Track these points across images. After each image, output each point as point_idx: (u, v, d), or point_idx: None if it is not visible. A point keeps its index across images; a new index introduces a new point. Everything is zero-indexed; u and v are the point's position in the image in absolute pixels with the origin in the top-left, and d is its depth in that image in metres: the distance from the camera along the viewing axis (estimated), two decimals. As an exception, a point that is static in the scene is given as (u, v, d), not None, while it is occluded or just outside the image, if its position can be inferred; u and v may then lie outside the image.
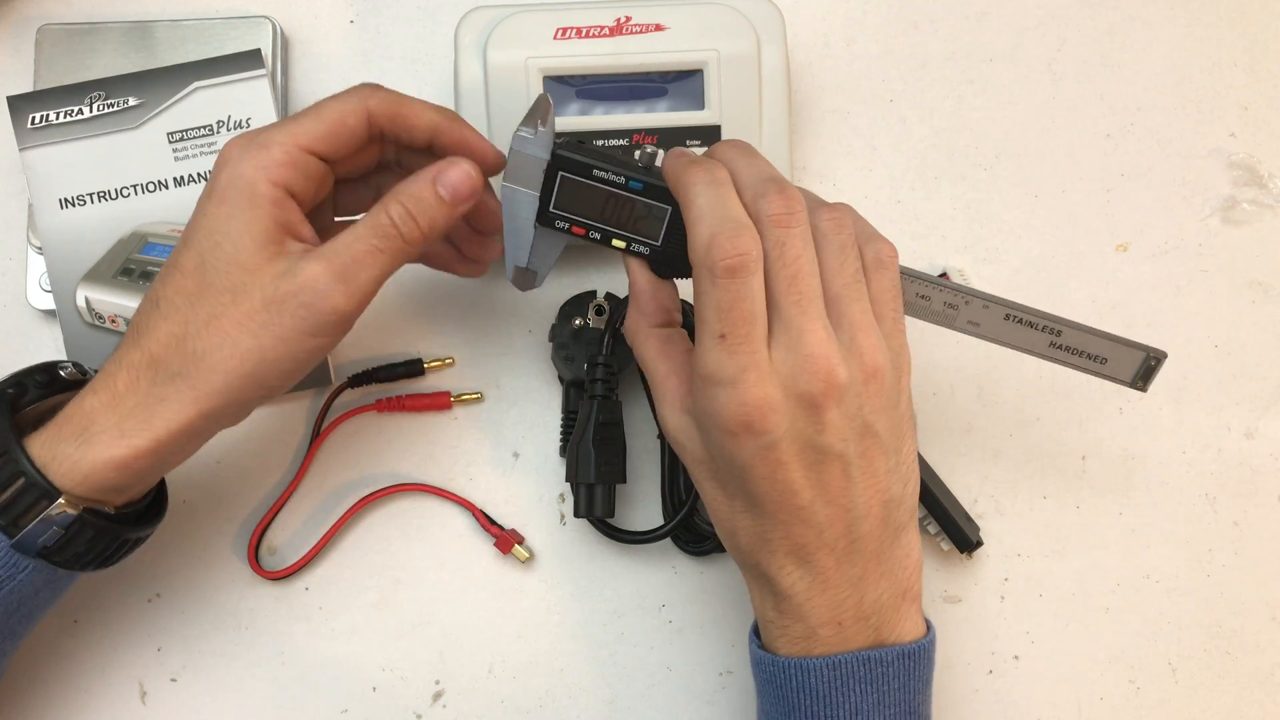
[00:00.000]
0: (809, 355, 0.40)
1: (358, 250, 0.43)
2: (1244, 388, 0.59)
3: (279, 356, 0.43)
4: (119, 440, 0.42)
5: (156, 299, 0.44)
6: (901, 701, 0.43)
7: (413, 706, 0.55)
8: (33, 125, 0.55)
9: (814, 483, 0.41)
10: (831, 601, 0.42)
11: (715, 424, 0.41)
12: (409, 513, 0.57)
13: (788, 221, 0.40)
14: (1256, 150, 0.61)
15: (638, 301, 0.46)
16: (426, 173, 0.45)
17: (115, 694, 0.55)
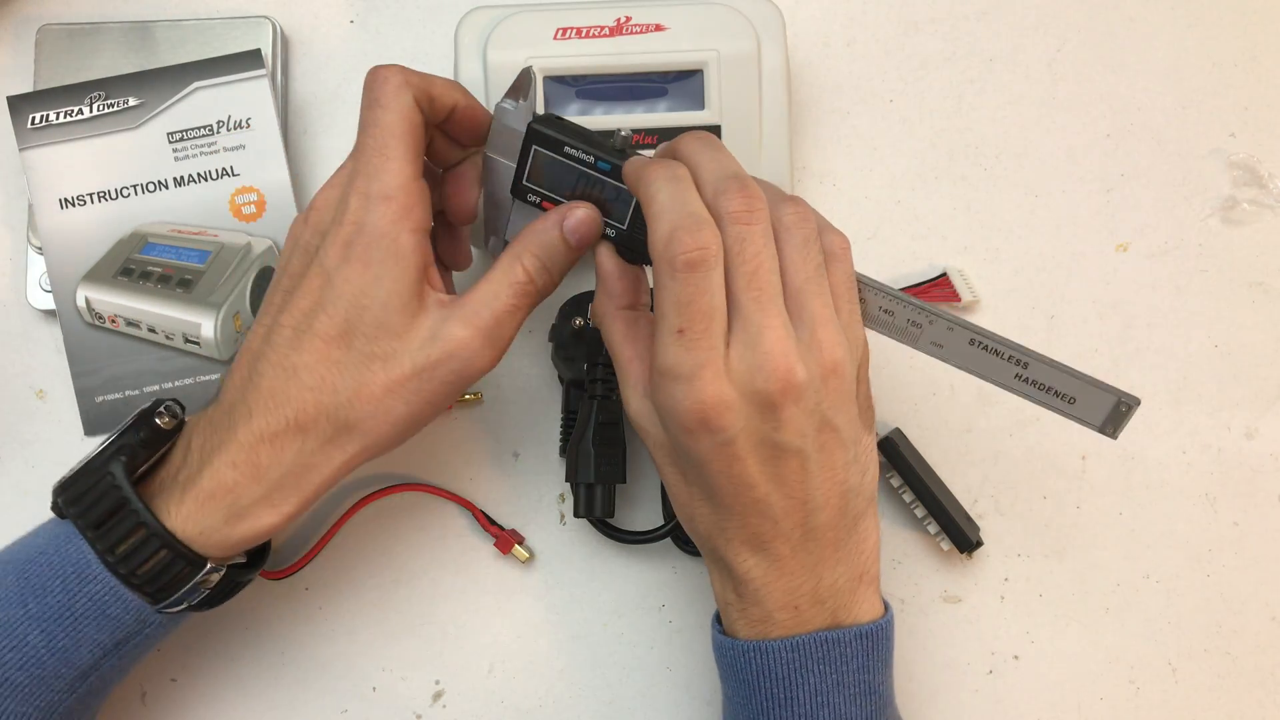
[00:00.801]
0: (767, 353, 0.40)
1: (499, 310, 0.44)
2: (1244, 388, 0.59)
3: (427, 416, 0.45)
4: (269, 510, 0.43)
5: (294, 367, 0.43)
6: (861, 681, 0.43)
7: (413, 706, 0.55)
8: (33, 125, 0.55)
9: (771, 476, 0.41)
10: (788, 587, 0.43)
11: (671, 418, 0.41)
12: (409, 513, 0.57)
13: (748, 219, 0.41)
14: (1256, 150, 0.61)
15: (604, 283, 0.46)
16: (552, 220, 0.46)
17: (115, 694, 0.55)
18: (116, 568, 0.43)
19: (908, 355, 0.58)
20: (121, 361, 0.56)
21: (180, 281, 0.56)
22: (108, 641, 0.44)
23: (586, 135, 0.46)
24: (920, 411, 0.58)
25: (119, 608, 0.43)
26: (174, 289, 0.56)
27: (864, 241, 0.60)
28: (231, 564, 0.45)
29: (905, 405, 0.58)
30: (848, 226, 0.60)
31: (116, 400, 0.56)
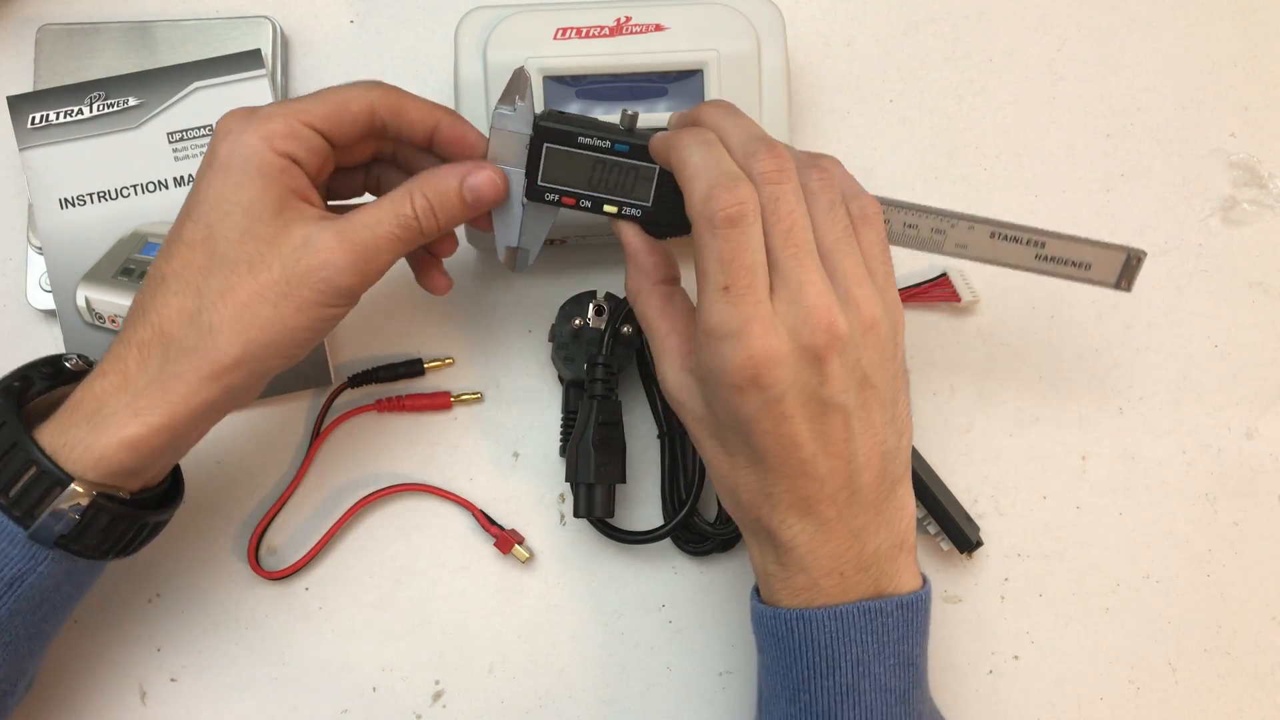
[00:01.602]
0: (810, 307, 0.40)
1: (379, 234, 0.44)
2: (1244, 388, 0.59)
3: (298, 326, 0.43)
4: (132, 419, 0.42)
5: (162, 275, 0.43)
6: (900, 652, 0.44)
7: (413, 706, 0.55)
8: (33, 125, 0.55)
9: (817, 435, 0.41)
10: (834, 552, 0.43)
11: (720, 379, 0.41)
12: (409, 513, 0.57)
13: (778, 178, 0.41)
14: (1256, 150, 0.61)
15: (635, 261, 0.46)
16: (454, 170, 0.45)
17: (115, 694, 0.55)
18: None
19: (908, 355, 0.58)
20: (121, 361, 0.56)
21: (180, 281, 0.56)
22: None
23: (595, 123, 0.46)
24: (920, 411, 0.58)
25: (4, 540, 0.42)
26: (174, 289, 0.56)
27: (864, 241, 0.60)
28: (107, 493, 0.43)
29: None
30: (848, 226, 0.60)
31: (116, 400, 0.56)
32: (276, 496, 0.56)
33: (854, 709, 0.43)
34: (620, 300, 0.55)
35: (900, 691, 0.44)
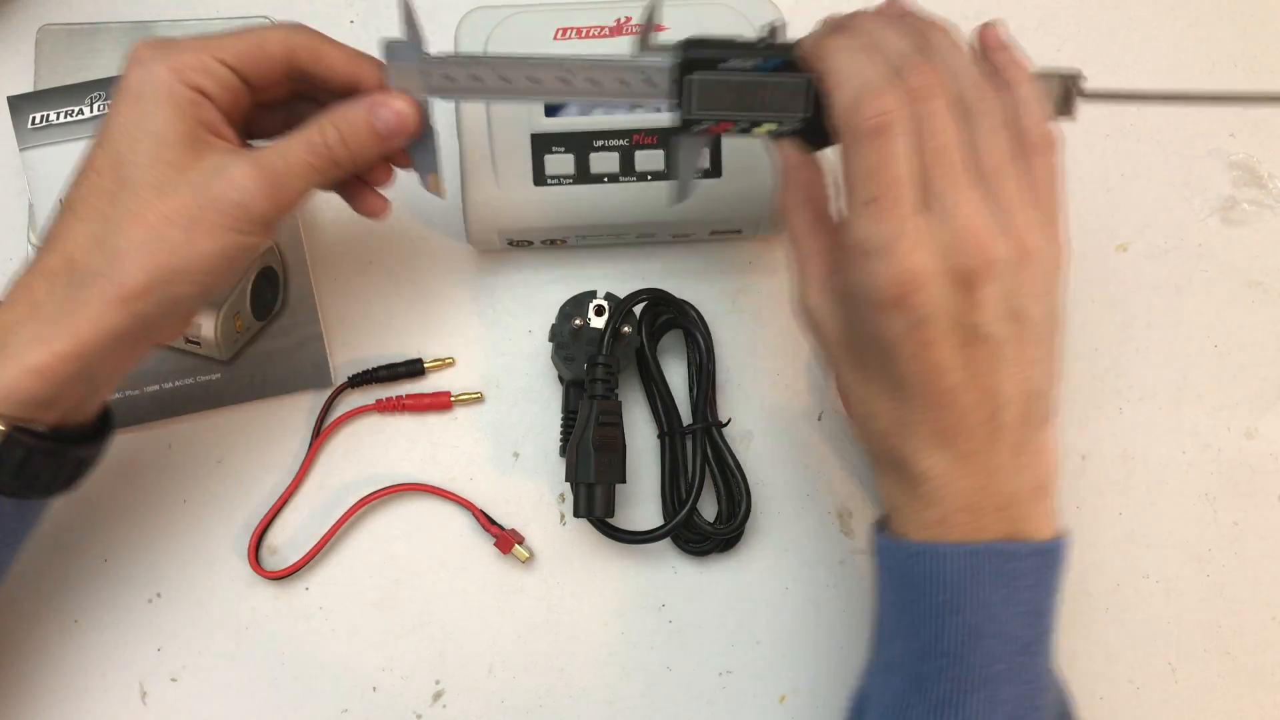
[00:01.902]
0: (962, 228, 0.39)
1: (292, 162, 0.43)
2: (1243, 388, 0.59)
3: (209, 252, 0.42)
4: (39, 346, 0.41)
5: (70, 203, 0.42)
6: (1030, 600, 0.42)
7: (413, 706, 0.55)
8: (33, 125, 0.56)
9: (961, 363, 0.40)
10: (969, 488, 0.41)
11: (865, 298, 0.40)
12: (409, 513, 0.57)
13: (928, 94, 0.39)
14: (1256, 150, 0.61)
15: (789, 176, 0.45)
16: (364, 102, 0.44)
17: (115, 694, 0.55)
18: None
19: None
20: (122, 361, 0.56)
21: (180, 281, 0.56)
22: None
23: (737, 43, 0.44)
24: (920, 411, 0.58)
25: None
26: (174, 289, 0.56)
27: (864, 241, 0.60)
28: (22, 426, 0.42)
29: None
30: (848, 226, 0.60)
31: (116, 400, 0.56)
32: (277, 496, 0.56)
33: (976, 652, 0.41)
34: (620, 300, 0.55)
35: (1026, 641, 0.42)
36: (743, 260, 0.60)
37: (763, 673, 0.56)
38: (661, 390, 0.55)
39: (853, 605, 0.57)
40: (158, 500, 0.57)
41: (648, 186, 0.54)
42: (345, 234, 0.59)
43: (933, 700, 0.42)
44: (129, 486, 0.57)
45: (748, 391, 0.58)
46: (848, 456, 0.58)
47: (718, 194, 0.54)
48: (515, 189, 0.53)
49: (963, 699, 0.41)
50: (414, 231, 0.59)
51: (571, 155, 0.53)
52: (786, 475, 0.58)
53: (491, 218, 0.54)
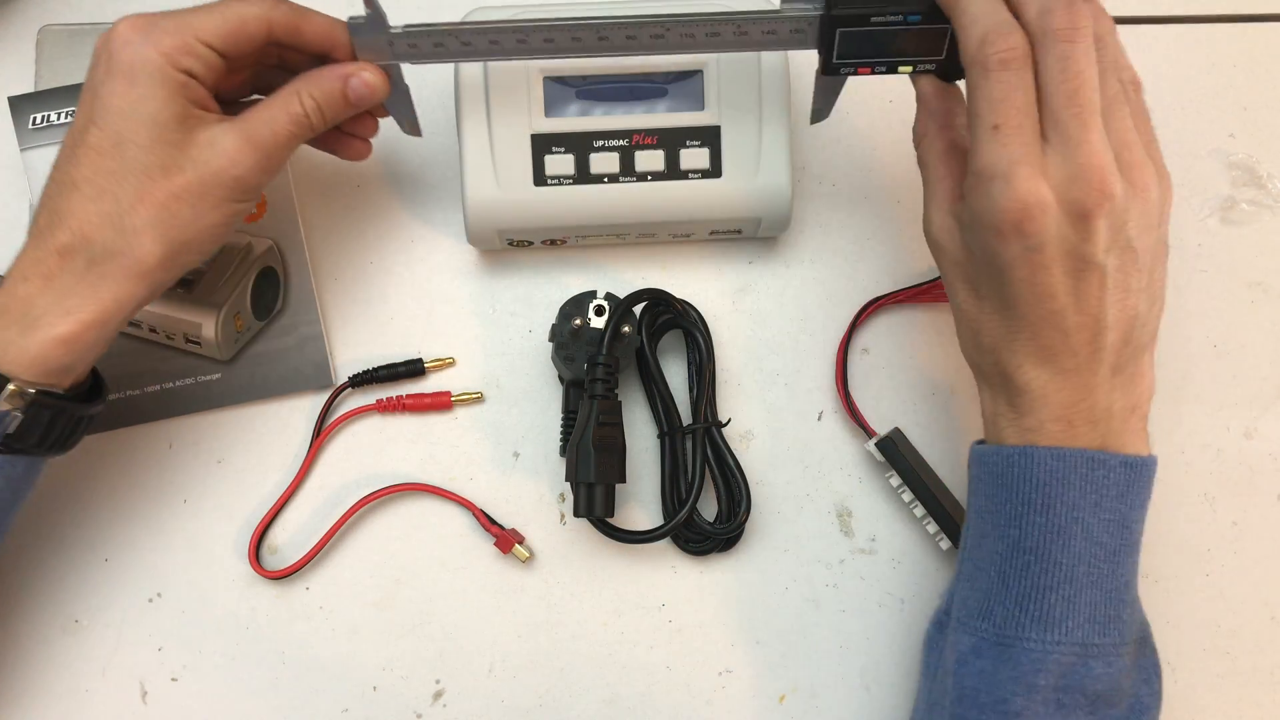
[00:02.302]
0: (1085, 164, 0.41)
1: (277, 133, 0.46)
2: (1243, 388, 0.59)
3: (213, 223, 0.46)
4: (64, 318, 0.44)
5: (73, 181, 0.44)
6: (1117, 510, 0.44)
7: (413, 706, 0.55)
8: (34, 126, 0.56)
9: (1070, 289, 0.43)
10: (1066, 400, 0.44)
11: (985, 222, 0.43)
12: (409, 513, 0.57)
13: (1071, 36, 0.42)
14: (1255, 150, 0.61)
15: (926, 105, 0.48)
16: (338, 73, 0.48)
17: (116, 693, 0.55)
18: None
19: (908, 355, 0.59)
20: (121, 361, 0.56)
21: (181, 281, 0.56)
22: None
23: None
24: (919, 411, 0.58)
25: None
26: (174, 289, 0.56)
27: (864, 241, 0.60)
28: (45, 390, 0.45)
29: (905, 405, 0.58)
30: (846, 226, 0.61)
31: (116, 400, 0.56)
32: (277, 496, 0.56)
33: (1063, 551, 0.44)
34: (620, 300, 0.55)
35: (1111, 549, 0.44)
36: (743, 260, 0.60)
37: (762, 672, 0.56)
38: (661, 390, 0.55)
39: (852, 605, 0.57)
40: (158, 500, 0.57)
41: (648, 186, 0.54)
42: (346, 234, 0.59)
43: (1015, 596, 0.44)
44: (129, 486, 0.57)
45: (748, 391, 0.58)
46: (848, 456, 0.58)
47: (718, 194, 0.54)
48: (515, 189, 0.54)
49: (1044, 596, 0.44)
50: (414, 231, 0.59)
51: (571, 155, 0.53)
52: (786, 475, 0.58)
53: (491, 218, 0.54)
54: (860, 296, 0.59)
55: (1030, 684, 0.44)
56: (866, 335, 0.59)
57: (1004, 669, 0.44)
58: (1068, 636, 0.44)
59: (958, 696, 0.46)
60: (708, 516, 0.56)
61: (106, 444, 0.57)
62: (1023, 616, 0.44)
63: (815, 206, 0.60)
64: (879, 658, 0.56)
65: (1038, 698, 0.44)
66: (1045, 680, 0.44)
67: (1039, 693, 0.44)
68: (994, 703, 0.44)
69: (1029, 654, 0.44)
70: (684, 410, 0.56)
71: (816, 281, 0.59)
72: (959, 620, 0.47)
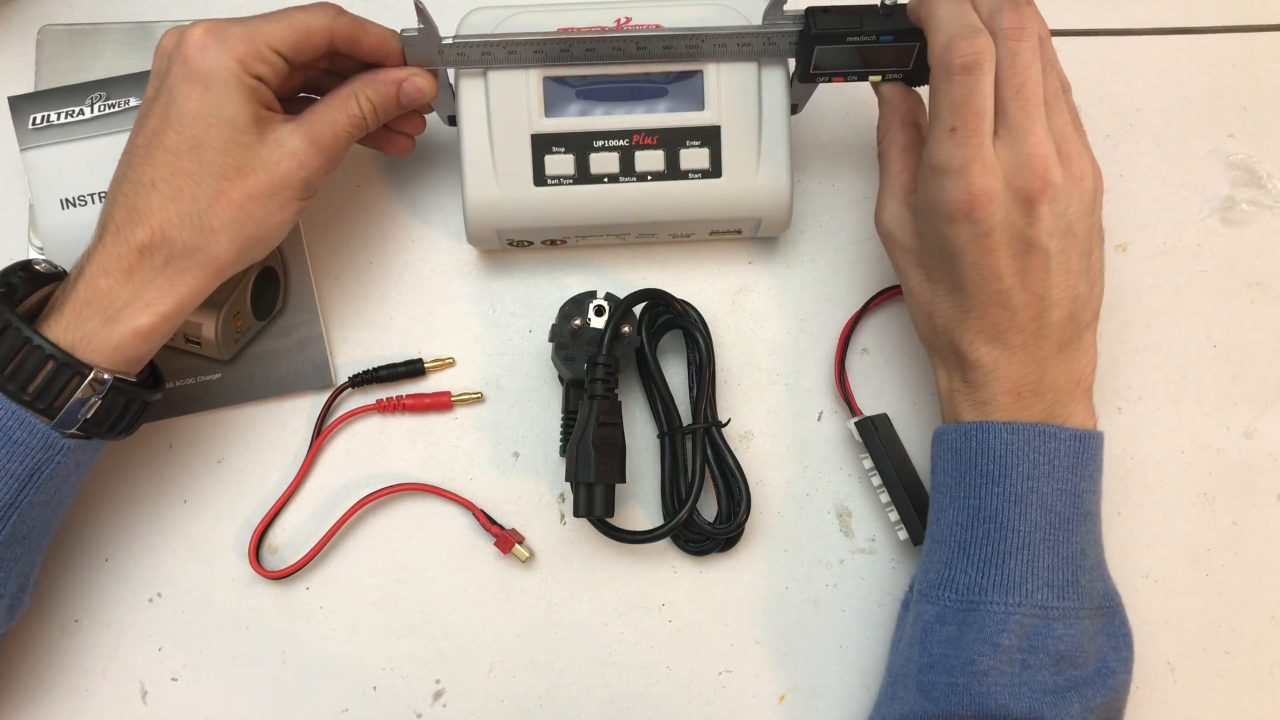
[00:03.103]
0: (1030, 154, 0.45)
1: (338, 133, 0.49)
2: (1243, 388, 0.59)
3: (283, 220, 0.49)
4: (144, 310, 0.46)
5: (151, 181, 0.46)
6: (1068, 480, 0.47)
7: (413, 706, 0.56)
8: (34, 126, 0.56)
9: (1016, 271, 0.46)
10: (1015, 374, 0.47)
11: (938, 211, 0.46)
12: (409, 513, 0.57)
13: (1019, 35, 0.45)
14: (1255, 151, 0.61)
15: (890, 103, 0.52)
16: (393, 75, 0.51)
17: (116, 693, 0.55)
18: (6, 386, 0.45)
19: (905, 349, 0.59)
20: (122, 361, 0.56)
21: (181, 282, 0.57)
22: (19, 470, 0.46)
23: (859, 18, 0.50)
24: (919, 411, 0.58)
25: (23, 431, 0.45)
26: (175, 289, 0.56)
27: (864, 241, 0.60)
28: (120, 377, 0.47)
29: (905, 405, 0.58)
30: (846, 226, 0.61)
31: (117, 400, 0.56)
32: (277, 496, 0.56)
33: (1020, 518, 0.46)
34: (620, 300, 0.55)
35: (1064, 517, 0.47)
36: (742, 260, 0.60)
37: (762, 672, 0.56)
38: (661, 390, 0.55)
39: (852, 605, 0.57)
40: (158, 500, 0.57)
41: (648, 186, 0.54)
42: (346, 234, 0.59)
43: (977, 563, 0.47)
44: (129, 486, 0.57)
45: (748, 391, 0.58)
46: (848, 456, 0.58)
47: (718, 194, 0.54)
48: (515, 189, 0.54)
49: (1004, 560, 0.47)
50: (414, 231, 0.59)
51: (571, 155, 0.53)
52: (786, 475, 0.58)
53: (491, 218, 0.54)
54: (860, 297, 0.59)
55: (995, 644, 0.46)
56: (866, 335, 0.59)
57: (969, 632, 0.46)
58: (1028, 599, 0.46)
59: (926, 664, 0.48)
60: (708, 516, 0.56)
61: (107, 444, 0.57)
62: (984, 581, 0.47)
63: (815, 206, 0.60)
64: (879, 658, 0.56)
65: (1003, 657, 0.46)
66: (1009, 640, 0.46)
67: (1004, 652, 0.46)
68: (961, 664, 0.46)
69: (992, 616, 0.46)
70: (684, 410, 0.56)
71: (816, 281, 0.59)
72: (921, 592, 0.49)
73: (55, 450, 0.46)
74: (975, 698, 0.46)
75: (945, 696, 0.46)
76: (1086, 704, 0.46)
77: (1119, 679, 0.47)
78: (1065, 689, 0.46)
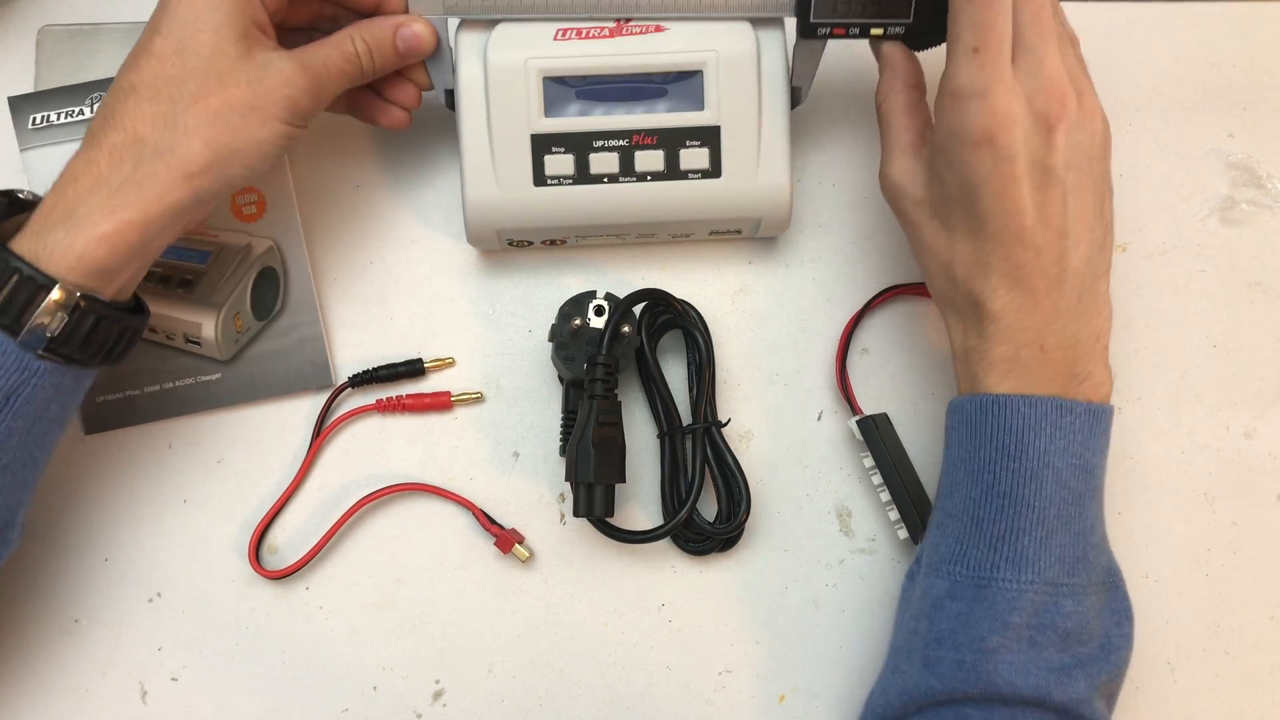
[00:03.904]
0: (1048, 79, 0.45)
1: (329, 65, 0.49)
2: (1242, 388, 0.59)
3: (261, 138, 0.47)
4: (108, 216, 0.44)
5: (132, 85, 0.45)
6: (1081, 455, 0.47)
7: (413, 706, 0.56)
8: (34, 126, 0.56)
9: (1037, 204, 0.46)
10: (1038, 324, 0.47)
11: (961, 139, 0.46)
12: (409, 513, 0.57)
13: None
14: (1255, 151, 0.61)
15: (892, 65, 0.52)
16: (390, 22, 0.51)
17: (116, 693, 0.55)
18: None
19: (905, 350, 0.59)
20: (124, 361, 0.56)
21: (181, 281, 0.57)
22: None
23: None
24: (918, 410, 0.58)
25: None
26: (174, 289, 0.56)
27: (864, 241, 0.60)
28: (89, 294, 0.45)
29: (904, 405, 0.58)
30: (847, 226, 0.60)
31: (116, 400, 0.56)
32: (277, 496, 0.56)
33: (1035, 494, 0.46)
34: (620, 300, 0.55)
35: (1077, 493, 0.47)
36: (742, 260, 0.60)
37: (762, 672, 0.56)
38: (661, 390, 0.55)
39: (852, 605, 0.57)
40: (158, 500, 0.57)
41: (647, 187, 0.54)
42: (346, 234, 0.59)
43: (989, 538, 0.47)
44: (129, 486, 0.57)
45: (748, 391, 0.58)
46: (848, 456, 0.58)
47: (717, 194, 0.54)
48: (515, 189, 0.54)
49: (1017, 537, 0.46)
50: (414, 231, 0.59)
51: (571, 156, 0.53)
52: (786, 475, 0.58)
53: (491, 218, 0.54)
54: (860, 297, 0.59)
55: (1005, 621, 0.46)
56: (866, 336, 0.59)
57: (979, 609, 0.46)
58: (1040, 576, 0.46)
59: (934, 639, 0.47)
60: (708, 516, 0.56)
61: (106, 444, 0.57)
62: (997, 558, 0.46)
63: (815, 206, 0.60)
64: (879, 658, 0.56)
65: (1012, 635, 0.46)
66: (1019, 618, 0.46)
67: (1013, 630, 0.46)
68: (970, 641, 0.46)
69: (1004, 593, 0.46)
70: (684, 410, 0.56)
71: (816, 281, 0.59)
72: (931, 566, 0.49)
73: (31, 372, 0.45)
74: (982, 675, 0.46)
75: (951, 673, 0.46)
76: (1092, 681, 0.46)
77: (1121, 655, 0.48)
78: (1071, 667, 0.46)
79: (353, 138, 0.60)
